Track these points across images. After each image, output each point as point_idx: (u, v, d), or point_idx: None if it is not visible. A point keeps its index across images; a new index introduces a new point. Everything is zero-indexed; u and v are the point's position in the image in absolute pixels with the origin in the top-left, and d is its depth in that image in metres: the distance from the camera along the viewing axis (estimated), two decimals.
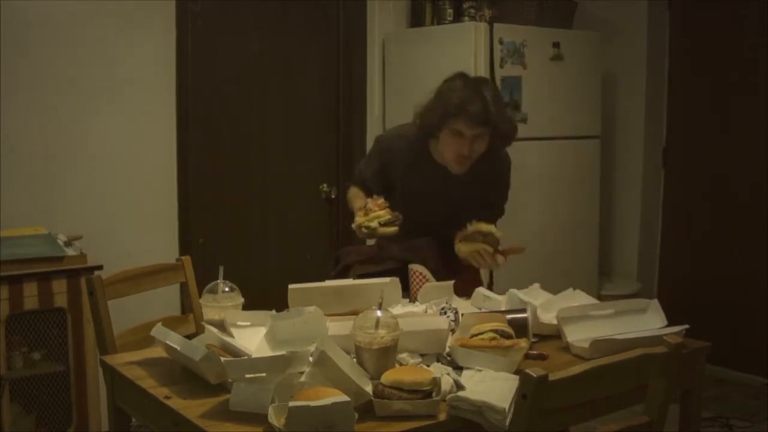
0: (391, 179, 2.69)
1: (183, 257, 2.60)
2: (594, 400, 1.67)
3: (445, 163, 2.60)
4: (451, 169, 2.58)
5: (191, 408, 1.69)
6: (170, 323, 2.16)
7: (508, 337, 1.93)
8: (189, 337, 1.97)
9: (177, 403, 1.71)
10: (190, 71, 3.76)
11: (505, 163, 2.76)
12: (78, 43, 3.42)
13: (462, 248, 2.50)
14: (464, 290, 2.47)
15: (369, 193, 2.65)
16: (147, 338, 2.30)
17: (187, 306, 2.57)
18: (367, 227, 2.43)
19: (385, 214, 2.45)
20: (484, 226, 2.50)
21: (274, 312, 1.99)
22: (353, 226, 2.49)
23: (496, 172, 2.73)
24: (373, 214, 2.45)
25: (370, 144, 4.31)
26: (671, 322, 2.15)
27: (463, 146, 2.50)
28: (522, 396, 1.47)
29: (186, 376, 1.87)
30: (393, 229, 2.44)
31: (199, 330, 2.51)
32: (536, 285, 2.44)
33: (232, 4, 3.88)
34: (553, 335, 2.16)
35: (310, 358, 1.70)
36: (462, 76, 2.57)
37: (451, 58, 3.94)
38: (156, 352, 2.02)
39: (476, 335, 1.94)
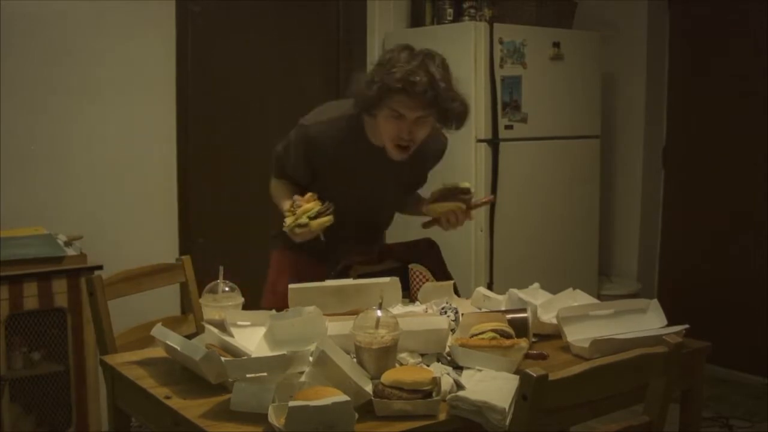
0: (315, 166, 2.43)
1: (183, 257, 2.60)
2: (594, 400, 1.67)
3: (382, 146, 2.33)
4: (390, 155, 2.31)
5: (191, 408, 1.69)
6: (170, 323, 2.16)
7: (508, 336, 1.93)
8: (189, 337, 1.97)
9: (177, 403, 1.71)
10: (190, 71, 3.76)
11: (442, 146, 2.51)
12: (77, 43, 3.42)
13: (437, 208, 2.37)
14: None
15: (292, 185, 2.46)
16: (147, 338, 2.30)
17: (187, 306, 2.57)
18: (299, 225, 2.23)
19: (313, 206, 2.25)
20: (462, 183, 2.37)
21: (274, 312, 1.99)
22: (285, 229, 2.26)
23: (431, 154, 2.49)
24: (300, 210, 2.24)
25: None
26: (671, 322, 2.15)
27: (402, 130, 2.23)
28: (522, 396, 1.47)
29: (186, 376, 1.87)
30: (327, 219, 2.24)
31: (199, 330, 2.51)
32: (536, 285, 2.44)
33: (232, 4, 3.88)
34: (553, 335, 2.16)
35: (310, 358, 1.70)
36: (407, 47, 2.24)
37: (451, 58, 3.90)
38: (156, 352, 2.02)
39: (476, 335, 1.94)
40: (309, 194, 2.29)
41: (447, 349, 1.96)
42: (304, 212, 2.24)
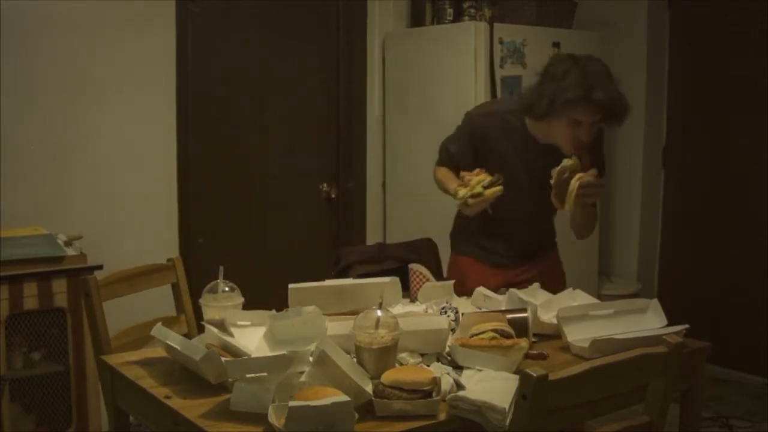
0: (479, 153, 2.58)
1: (174, 258, 2.61)
2: (594, 400, 1.67)
3: (546, 143, 2.50)
4: (564, 150, 2.45)
5: (191, 408, 1.69)
6: (163, 324, 2.16)
7: (508, 336, 1.93)
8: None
9: (177, 403, 1.71)
10: (190, 71, 3.76)
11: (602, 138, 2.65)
12: (78, 43, 3.42)
13: (567, 205, 2.40)
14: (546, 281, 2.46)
15: (457, 170, 2.57)
16: (143, 338, 2.30)
17: (180, 306, 2.58)
18: (473, 195, 2.35)
19: (485, 177, 2.38)
20: (559, 169, 2.38)
21: (274, 312, 1.99)
22: (457, 202, 2.40)
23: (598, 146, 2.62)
24: (473, 180, 2.37)
25: (370, 143, 4.33)
26: (671, 322, 2.15)
27: (582, 134, 2.41)
28: (522, 396, 1.47)
29: (186, 376, 1.87)
30: (499, 189, 2.37)
31: (191, 330, 2.52)
32: (536, 285, 2.44)
33: (232, 4, 3.88)
34: (553, 335, 2.16)
35: (310, 358, 1.70)
36: (575, 62, 2.40)
37: (451, 58, 3.94)
38: (155, 352, 2.03)
39: (476, 335, 1.94)
40: (477, 169, 2.41)
41: (447, 349, 1.96)
42: (478, 182, 2.37)
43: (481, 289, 2.43)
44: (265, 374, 1.70)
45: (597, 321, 2.16)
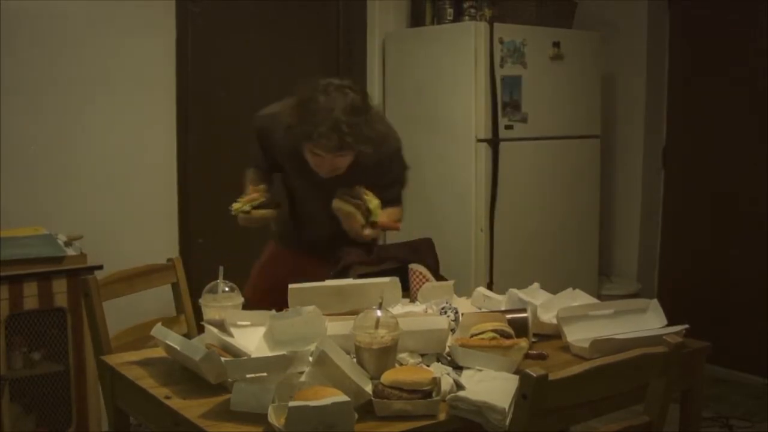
0: (270, 154, 2.62)
1: (174, 258, 2.61)
2: (594, 400, 1.67)
3: None
4: (319, 173, 2.43)
5: (191, 408, 1.69)
6: (163, 324, 2.16)
7: (508, 336, 1.94)
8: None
9: (177, 403, 1.71)
10: (190, 71, 3.76)
11: (393, 148, 2.56)
12: (78, 44, 3.42)
13: (334, 203, 2.41)
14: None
15: (261, 172, 2.65)
16: (143, 338, 2.30)
17: (180, 306, 2.58)
18: (243, 211, 2.43)
19: (258, 197, 2.44)
20: (365, 195, 2.39)
21: (274, 312, 2.00)
22: (231, 212, 2.46)
23: (384, 157, 2.50)
24: (246, 198, 2.45)
25: None
26: (671, 322, 2.15)
27: (323, 165, 2.37)
28: (522, 396, 1.47)
29: (186, 376, 1.87)
30: (267, 212, 2.44)
31: (191, 330, 2.52)
32: (536, 285, 2.44)
33: (232, 4, 3.88)
34: (553, 335, 2.16)
35: (310, 358, 1.70)
36: (322, 90, 2.28)
37: (451, 58, 3.94)
38: (155, 352, 2.03)
39: (476, 335, 1.94)
40: (262, 186, 2.50)
41: (447, 349, 1.96)
42: (249, 201, 2.45)
43: (480, 289, 2.43)
44: (265, 374, 1.70)
45: (597, 321, 2.16)
